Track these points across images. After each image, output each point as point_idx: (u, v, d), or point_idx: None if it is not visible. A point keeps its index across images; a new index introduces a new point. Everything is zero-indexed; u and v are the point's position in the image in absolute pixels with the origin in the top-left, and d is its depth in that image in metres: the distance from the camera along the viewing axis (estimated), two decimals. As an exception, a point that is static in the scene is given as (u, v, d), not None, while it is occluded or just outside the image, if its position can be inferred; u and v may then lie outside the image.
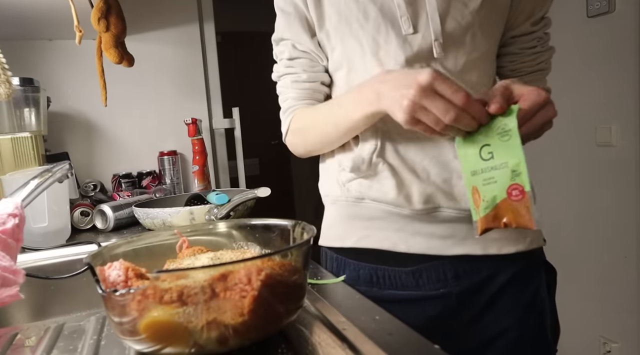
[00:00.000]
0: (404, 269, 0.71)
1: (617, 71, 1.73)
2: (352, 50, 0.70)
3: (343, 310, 0.55)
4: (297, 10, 0.74)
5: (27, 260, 0.95)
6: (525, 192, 0.53)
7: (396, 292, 0.72)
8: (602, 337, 1.86)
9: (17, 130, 1.19)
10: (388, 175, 0.69)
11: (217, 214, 1.00)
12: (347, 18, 0.69)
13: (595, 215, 1.86)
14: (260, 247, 0.61)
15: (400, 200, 0.68)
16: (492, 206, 0.56)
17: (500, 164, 0.55)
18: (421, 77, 0.54)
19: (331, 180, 0.77)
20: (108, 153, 1.63)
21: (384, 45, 0.67)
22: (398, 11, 0.66)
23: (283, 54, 0.77)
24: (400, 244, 0.71)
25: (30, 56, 1.51)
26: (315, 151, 0.79)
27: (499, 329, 0.72)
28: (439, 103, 0.53)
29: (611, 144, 1.78)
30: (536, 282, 0.74)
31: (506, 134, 0.54)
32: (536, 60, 0.76)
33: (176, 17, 1.70)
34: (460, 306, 0.71)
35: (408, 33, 0.66)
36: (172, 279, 0.41)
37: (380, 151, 0.69)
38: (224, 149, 1.86)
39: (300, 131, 0.77)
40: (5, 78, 0.88)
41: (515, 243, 0.71)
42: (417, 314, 0.70)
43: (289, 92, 0.78)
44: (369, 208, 0.72)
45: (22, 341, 0.54)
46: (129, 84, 1.63)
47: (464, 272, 0.71)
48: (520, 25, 0.74)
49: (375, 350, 0.44)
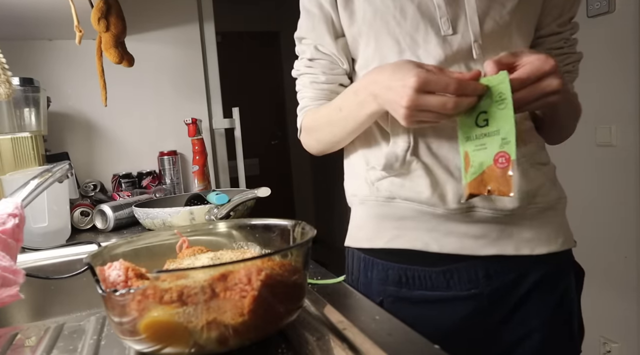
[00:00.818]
0: (435, 269, 0.70)
1: (617, 71, 1.73)
2: (389, 48, 0.69)
3: (343, 310, 0.55)
4: (323, 12, 0.73)
5: (27, 260, 0.95)
6: (510, 160, 0.54)
7: (426, 292, 0.70)
8: (602, 337, 1.86)
9: (17, 130, 1.19)
10: (422, 174, 0.68)
11: (217, 214, 1.00)
12: (384, 15, 0.68)
13: (595, 215, 1.86)
14: (260, 247, 0.61)
15: (435, 200, 0.67)
16: (479, 172, 0.57)
17: (493, 131, 0.55)
18: (408, 82, 0.55)
19: (358, 179, 0.76)
20: (108, 153, 1.63)
21: (423, 44, 0.67)
22: (438, 11, 0.66)
23: (304, 54, 0.77)
24: (432, 243, 0.69)
25: (30, 56, 1.51)
26: (328, 150, 0.79)
27: (527, 329, 0.71)
28: (434, 100, 0.54)
29: (611, 144, 1.78)
30: (565, 283, 0.74)
31: (502, 102, 0.54)
32: (563, 61, 0.75)
33: (176, 17, 1.70)
34: (491, 306, 0.70)
35: (447, 34, 0.66)
36: (172, 279, 0.41)
37: (414, 149, 0.68)
38: (224, 149, 1.86)
39: (311, 130, 0.78)
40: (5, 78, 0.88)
41: (547, 244, 0.70)
42: (448, 315, 0.70)
43: (306, 92, 0.78)
44: (400, 207, 0.70)
45: (22, 341, 0.54)
46: (129, 84, 1.63)
47: (495, 272, 0.70)
48: (548, 25, 0.74)
49: (375, 350, 0.44)
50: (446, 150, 0.68)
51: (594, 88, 1.83)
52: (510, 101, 0.54)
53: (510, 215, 0.67)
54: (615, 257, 1.78)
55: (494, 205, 0.67)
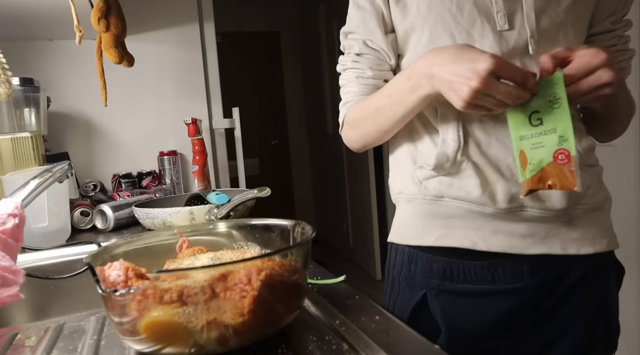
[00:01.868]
0: (479, 263, 0.70)
1: (617, 71, 1.73)
2: (444, 43, 0.68)
3: (343, 310, 0.55)
4: (374, 7, 0.73)
5: (27, 260, 0.95)
6: (571, 156, 0.56)
7: (471, 286, 0.71)
8: (602, 337, 1.86)
9: (17, 130, 1.19)
10: (472, 173, 0.68)
11: (217, 214, 1.00)
12: (439, 9, 0.68)
13: (595, 215, 1.86)
14: (260, 247, 0.61)
15: (485, 199, 0.67)
16: (538, 169, 0.59)
17: (549, 129, 0.58)
18: (480, 66, 0.55)
19: (405, 177, 0.76)
20: (108, 153, 1.63)
21: (478, 39, 0.67)
22: (495, 6, 0.66)
23: (352, 49, 0.76)
24: (480, 242, 0.70)
25: (30, 56, 1.51)
26: (371, 143, 0.78)
27: (568, 325, 0.72)
28: (503, 87, 0.56)
29: (611, 144, 1.78)
30: (606, 281, 0.75)
31: (556, 102, 0.57)
32: (616, 59, 0.75)
33: (176, 17, 1.70)
34: (535, 301, 0.71)
35: (504, 29, 0.67)
36: (172, 279, 0.41)
37: (464, 149, 0.68)
38: (224, 149, 1.86)
39: (355, 122, 0.77)
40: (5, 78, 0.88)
41: (593, 244, 0.71)
42: (492, 308, 0.70)
43: (352, 86, 0.78)
44: (448, 206, 0.71)
45: (22, 341, 0.54)
46: (129, 84, 1.63)
47: (540, 267, 0.70)
48: (601, 22, 0.74)
49: (375, 350, 0.44)
50: (496, 149, 0.68)
51: (594, 88, 1.83)
52: (565, 100, 0.56)
53: (557, 215, 0.68)
54: (615, 257, 1.78)
55: (543, 205, 0.67)
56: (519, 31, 0.67)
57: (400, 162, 0.77)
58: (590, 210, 0.71)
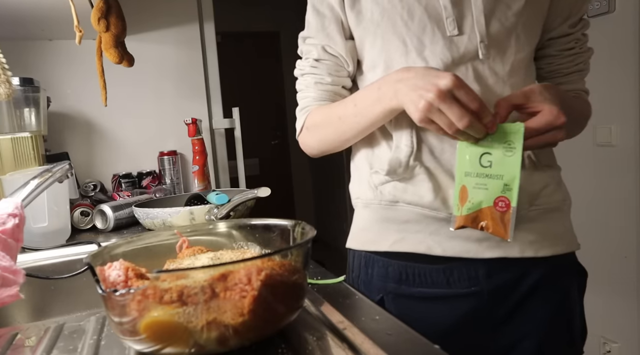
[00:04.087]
0: (435, 267, 0.70)
1: (617, 71, 1.73)
2: (395, 49, 0.69)
3: (343, 310, 0.55)
4: (333, 13, 0.73)
5: (27, 260, 0.95)
6: (510, 206, 0.57)
7: (426, 289, 0.71)
8: (602, 337, 1.86)
9: (17, 130, 1.19)
10: (424, 178, 0.68)
11: (217, 214, 1.00)
12: (391, 15, 0.68)
13: (595, 215, 1.86)
14: (260, 247, 0.61)
15: (437, 204, 0.68)
16: (475, 209, 0.60)
17: (497, 175, 0.58)
18: (441, 81, 0.56)
19: (362, 182, 0.76)
20: (108, 153, 1.63)
21: (429, 45, 0.67)
22: (444, 12, 0.66)
23: (310, 54, 0.76)
24: (435, 247, 0.70)
25: (30, 56, 1.51)
26: (329, 149, 0.78)
27: (527, 329, 0.71)
28: (455, 108, 0.55)
29: (611, 144, 1.78)
30: (567, 284, 0.74)
31: (511, 150, 0.57)
32: (574, 61, 0.76)
33: (176, 17, 1.70)
34: (492, 305, 0.70)
35: (453, 34, 0.67)
36: (172, 279, 0.41)
37: (417, 154, 0.69)
38: (224, 149, 1.86)
39: (315, 127, 0.77)
40: (5, 78, 0.88)
41: (551, 246, 0.71)
42: (448, 312, 0.70)
43: (310, 92, 0.77)
44: (403, 211, 0.71)
45: (22, 341, 0.54)
46: (129, 84, 1.63)
47: (496, 271, 0.70)
48: (558, 27, 0.74)
49: (375, 350, 0.44)
50: (449, 155, 0.68)
51: (593, 88, 1.82)
52: (520, 152, 0.56)
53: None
54: (615, 257, 1.78)
55: None
56: (469, 36, 0.67)
57: (359, 167, 0.78)
58: (548, 212, 0.71)
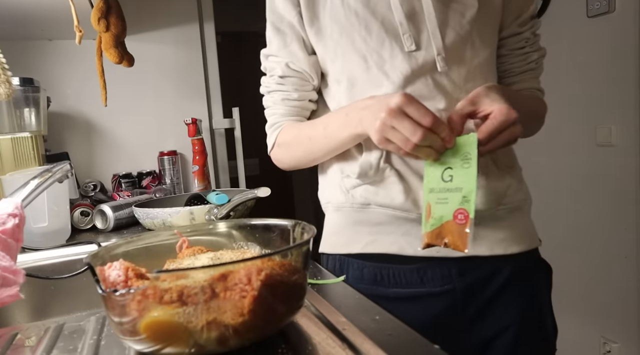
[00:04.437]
0: (408, 267, 0.72)
1: (617, 71, 1.73)
2: (356, 65, 0.71)
3: (343, 310, 0.55)
4: (294, 31, 0.75)
5: (27, 260, 0.95)
6: (469, 218, 0.57)
7: (401, 290, 0.72)
8: (602, 337, 1.86)
9: (17, 130, 1.19)
10: (395, 180, 0.70)
11: (217, 214, 1.00)
12: (350, 33, 0.70)
13: (595, 215, 1.86)
14: (260, 247, 0.61)
15: (408, 205, 0.69)
16: (438, 224, 0.60)
17: (456, 187, 0.58)
18: (391, 100, 0.57)
19: (333, 187, 0.77)
20: (108, 153, 1.63)
21: (389, 59, 0.69)
22: (400, 28, 0.68)
23: (274, 71, 0.79)
24: (407, 247, 0.71)
25: (30, 56, 1.51)
26: (300, 166, 0.80)
27: (501, 326, 0.73)
28: (407, 124, 0.56)
29: (611, 144, 1.78)
30: (536, 279, 0.76)
31: (467, 162, 0.58)
32: (525, 60, 0.77)
33: (176, 17, 1.70)
34: (465, 303, 0.72)
35: (411, 50, 0.68)
36: (172, 279, 0.41)
37: (387, 157, 0.70)
38: (224, 149, 1.86)
39: (287, 145, 0.79)
40: (5, 78, 0.88)
41: (519, 243, 0.73)
42: (423, 311, 0.71)
43: (277, 108, 0.80)
44: (375, 213, 0.72)
45: (22, 341, 0.54)
46: (129, 84, 1.63)
47: (468, 269, 0.72)
48: (508, 26, 0.75)
49: (375, 350, 0.44)
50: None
51: (594, 88, 1.83)
52: (476, 163, 0.57)
53: (481, 217, 0.70)
54: (615, 257, 1.78)
55: None
56: (427, 49, 0.68)
57: (329, 172, 0.79)
58: (513, 211, 0.73)
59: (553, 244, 2.05)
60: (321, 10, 0.72)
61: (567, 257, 1.98)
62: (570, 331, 1.95)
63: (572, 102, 1.91)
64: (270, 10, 0.77)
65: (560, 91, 1.95)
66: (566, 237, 1.99)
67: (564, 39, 1.89)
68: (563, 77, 1.92)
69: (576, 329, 1.95)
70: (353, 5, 0.69)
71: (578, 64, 1.87)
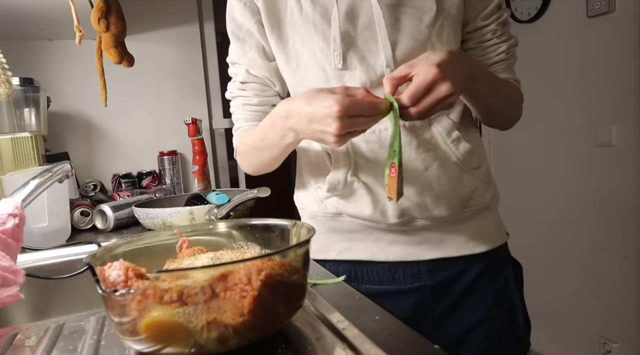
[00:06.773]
0: (381, 266, 0.76)
1: (617, 71, 1.73)
2: (315, 76, 0.72)
3: (343, 310, 0.55)
4: (253, 39, 0.77)
5: (27, 260, 0.95)
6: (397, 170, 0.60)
7: (373, 286, 0.76)
8: (602, 337, 1.86)
9: (17, 130, 1.19)
10: (363, 192, 0.72)
11: (217, 214, 1.00)
12: (311, 45, 0.71)
13: (596, 215, 1.86)
14: (260, 247, 0.61)
15: (377, 216, 0.72)
16: (387, 180, 0.63)
17: (392, 143, 0.61)
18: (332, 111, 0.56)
19: (308, 195, 0.80)
20: (108, 153, 1.63)
21: (348, 71, 0.70)
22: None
23: (237, 77, 0.81)
24: (378, 253, 0.75)
25: (30, 56, 1.51)
26: (263, 171, 0.82)
27: (472, 322, 0.75)
28: (358, 121, 0.58)
29: (611, 144, 1.78)
30: (504, 275, 0.78)
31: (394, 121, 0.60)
32: (495, 51, 0.76)
33: (176, 17, 1.70)
34: (435, 300, 0.75)
35: (369, 63, 0.69)
36: (172, 279, 0.41)
37: (354, 170, 0.72)
38: (224, 149, 1.86)
39: (243, 153, 0.81)
40: (5, 78, 0.88)
41: (486, 242, 0.75)
42: (394, 308, 0.72)
43: (240, 113, 0.82)
44: (347, 222, 0.75)
45: (22, 341, 0.54)
46: (129, 84, 1.63)
47: (438, 267, 0.75)
48: (473, 21, 0.75)
49: (375, 350, 0.44)
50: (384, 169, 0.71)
51: (594, 88, 1.83)
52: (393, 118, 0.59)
53: (448, 221, 0.72)
54: (615, 257, 1.78)
55: (431, 214, 0.72)
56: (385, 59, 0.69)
57: (304, 180, 0.82)
58: (480, 211, 0.75)
59: (553, 244, 2.06)
60: (282, 19, 0.73)
61: (567, 256, 1.99)
62: (571, 331, 1.95)
63: (572, 102, 1.91)
64: (230, 19, 0.79)
65: (560, 91, 1.95)
66: (566, 237, 1.99)
67: (564, 39, 1.89)
68: (563, 77, 1.92)
69: (576, 329, 1.95)
70: (311, 16, 0.70)
71: (578, 64, 1.87)
